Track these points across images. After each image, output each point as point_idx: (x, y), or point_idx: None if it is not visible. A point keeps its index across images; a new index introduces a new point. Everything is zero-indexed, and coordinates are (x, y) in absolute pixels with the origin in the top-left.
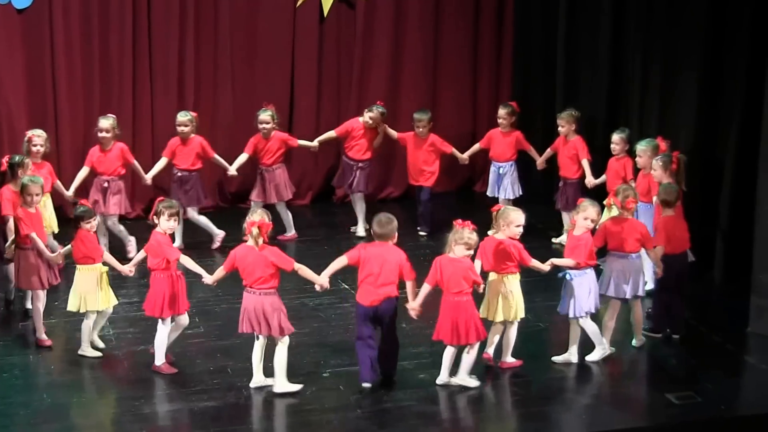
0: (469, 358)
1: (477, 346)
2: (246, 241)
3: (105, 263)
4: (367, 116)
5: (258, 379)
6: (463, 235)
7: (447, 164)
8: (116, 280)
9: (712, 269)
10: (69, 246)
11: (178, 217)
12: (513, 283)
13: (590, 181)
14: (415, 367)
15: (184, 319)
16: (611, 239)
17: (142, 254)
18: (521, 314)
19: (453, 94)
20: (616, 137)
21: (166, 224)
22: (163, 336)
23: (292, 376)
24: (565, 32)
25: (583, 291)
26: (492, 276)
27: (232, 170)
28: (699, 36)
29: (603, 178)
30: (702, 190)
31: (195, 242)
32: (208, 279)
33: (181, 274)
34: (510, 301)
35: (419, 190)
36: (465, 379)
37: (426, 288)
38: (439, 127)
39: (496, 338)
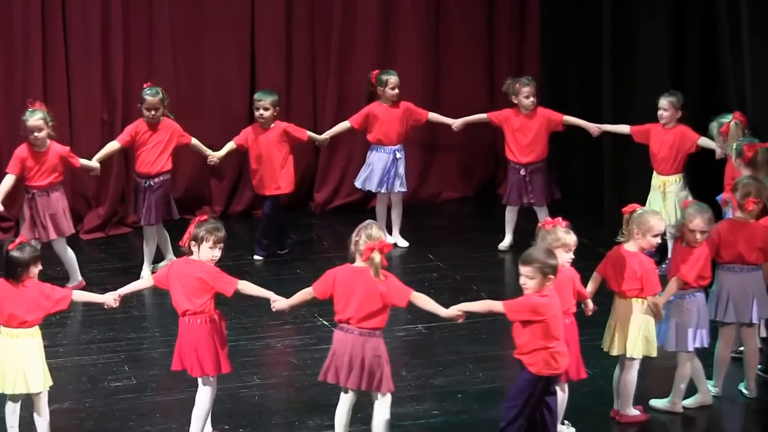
0: (560, 399)
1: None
2: (352, 261)
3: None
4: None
5: None
6: (558, 236)
7: (459, 161)
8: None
9: None
10: None
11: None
12: (640, 309)
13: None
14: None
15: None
16: (726, 249)
17: (144, 283)
18: (651, 351)
19: (461, 68)
20: (664, 101)
21: (208, 254)
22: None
23: None
24: None
25: (691, 318)
26: (618, 299)
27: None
28: None
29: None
30: None
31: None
32: (282, 303)
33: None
34: (634, 331)
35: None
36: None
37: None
38: (445, 112)
39: (616, 376)
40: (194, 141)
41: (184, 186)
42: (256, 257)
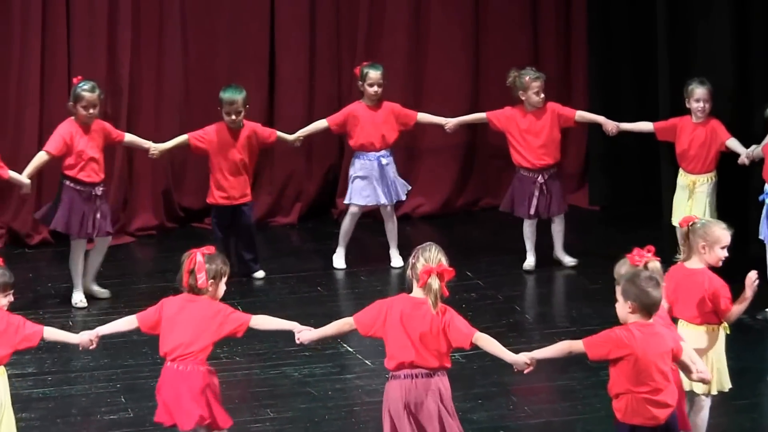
0: None
1: None
2: (409, 290)
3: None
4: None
5: None
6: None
7: (500, 165)
8: None
9: None
10: None
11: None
12: (712, 338)
13: (746, 157)
14: None
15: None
16: None
17: (127, 325)
18: (725, 384)
19: (502, 58)
20: (701, 91)
21: (222, 288)
22: None
23: None
24: None
25: None
26: (683, 325)
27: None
28: None
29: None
30: None
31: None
32: (310, 334)
33: None
34: (707, 365)
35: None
36: None
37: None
38: (484, 109)
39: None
40: (129, 136)
41: (189, 191)
42: (256, 275)
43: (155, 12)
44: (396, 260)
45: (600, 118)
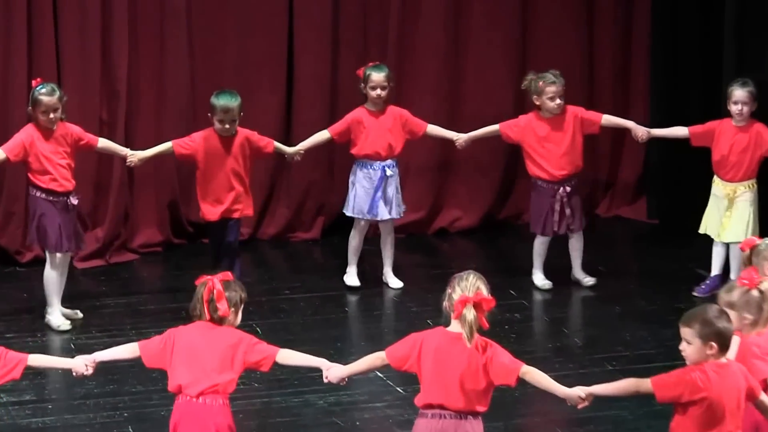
0: None
1: None
2: (447, 323)
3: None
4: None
5: None
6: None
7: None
8: None
9: None
10: None
11: None
12: None
13: None
14: None
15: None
16: None
17: (127, 353)
18: None
19: (552, 63)
20: (741, 93)
21: (239, 318)
22: None
23: None
24: None
25: None
26: None
27: None
28: None
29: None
30: None
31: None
32: (339, 371)
33: None
34: None
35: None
36: None
37: None
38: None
39: None
40: (103, 142)
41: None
42: None
43: (155, 6)
44: (393, 281)
45: (628, 123)
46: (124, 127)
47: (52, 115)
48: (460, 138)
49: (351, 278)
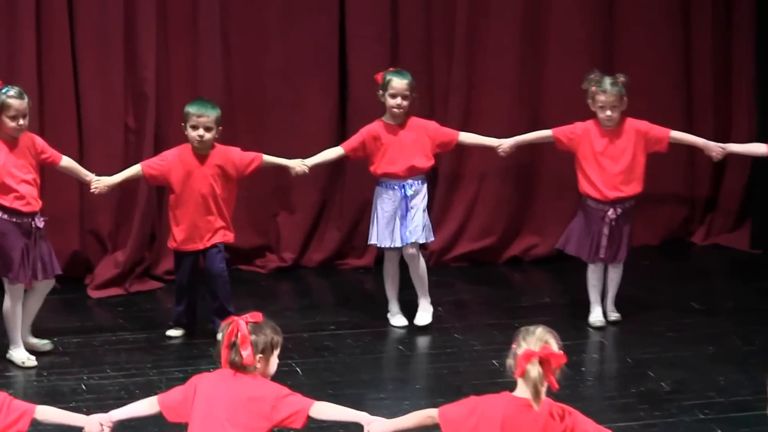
0: None
1: None
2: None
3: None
4: None
5: None
6: None
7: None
8: None
9: None
10: None
11: None
12: None
13: None
14: None
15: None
16: None
17: (147, 409)
18: None
19: (643, 63)
20: None
21: (274, 365)
22: None
23: None
24: None
25: None
26: None
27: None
28: None
29: None
30: None
31: None
32: (385, 426)
33: None
34: None
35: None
36: None
37: None
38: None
39: None
40: (66, 161)
41: (238, 220)
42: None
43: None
44: (421, 316)
45: (699, 141)
46: (153, 136)
47: (21, 122)
48: (502, 144)
49: (396, 318)
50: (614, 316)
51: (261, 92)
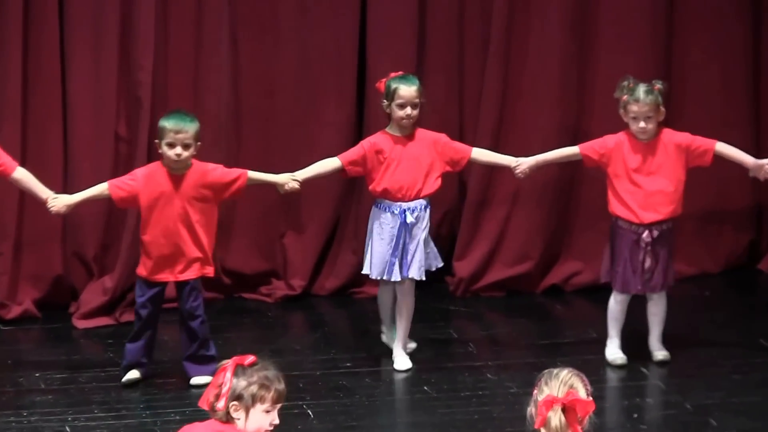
0: None
1: None
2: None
3: None
4: None
5: None
6: None
7: (698, 221)
8: None
9: None
10: None
11: None
12: None
13: None
14: None
15: None
16: None
17: None
18: None
19: (706, 73)
20: None
21: (263, 420)
22: None
23: None
24: None
25: None
26: None
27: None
28: None
29: None
30: None
31: None
32: None
33: None
34: None
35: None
36: None
37: None
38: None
39: None
40: (20, 172)
41: (237, 251)
42: (195, 381)
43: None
44: (399, 361)
45: (746, 158)
46: (146, 146)
47: None
48: (521, 164)
49: (400, 361)
50: (661, 355)
51: (270, 97)
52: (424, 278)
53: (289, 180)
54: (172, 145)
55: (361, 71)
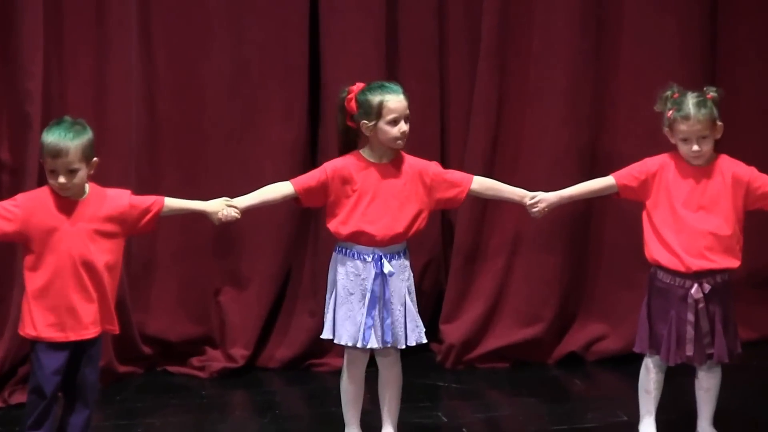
0: None
1: None
2: None
3: None
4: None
5: None
6: None
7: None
8: None
9: None
10: None
11: None
12: None
13: None
14: None
15: None
16: None
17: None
18: None
19: (750, 82)
20: None
21: None
22: None
23: None
24: None
25: None
26: None
27: None
28: None
29: None
30: None
31: None
32: None
33: None
34: None
35: None
36: None
37: None
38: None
39: None
40: None
41: (164, 299)
42: None
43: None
44: None
45: None
46: (37, 175)
47: None
48: (538, 201)
49: None
50: None
51: (198, 111)
52: (422, 340)
53: (223, 206)
54: (54, 173)
55: (314, 77)
